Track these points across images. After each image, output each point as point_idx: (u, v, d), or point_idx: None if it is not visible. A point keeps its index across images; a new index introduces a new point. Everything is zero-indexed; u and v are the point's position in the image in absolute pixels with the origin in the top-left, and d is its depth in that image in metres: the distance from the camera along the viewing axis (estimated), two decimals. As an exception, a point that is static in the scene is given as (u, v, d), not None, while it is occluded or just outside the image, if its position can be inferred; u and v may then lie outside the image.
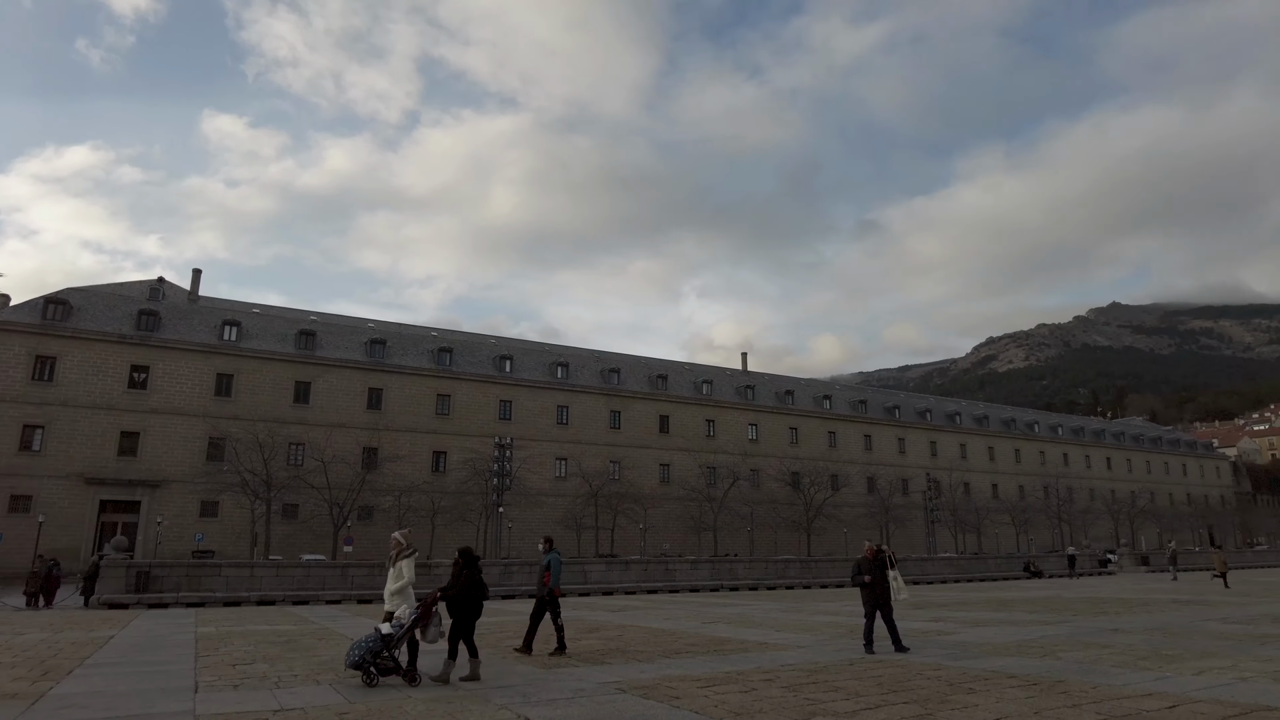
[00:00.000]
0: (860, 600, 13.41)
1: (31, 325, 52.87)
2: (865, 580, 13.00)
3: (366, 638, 9.71)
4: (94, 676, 10.61)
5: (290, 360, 59.70)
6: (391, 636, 9.59)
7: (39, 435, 51.59)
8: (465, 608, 10.08)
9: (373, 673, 9.42)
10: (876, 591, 13.02)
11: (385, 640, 9.55)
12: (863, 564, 13.27)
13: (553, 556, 13.26)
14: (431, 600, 9.99)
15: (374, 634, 9.68)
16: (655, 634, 15.85)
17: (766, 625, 17.97)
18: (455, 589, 10.06)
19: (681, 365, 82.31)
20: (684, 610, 23.62)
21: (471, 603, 10.13)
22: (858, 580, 13.13)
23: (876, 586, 13.04)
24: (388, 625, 9.90)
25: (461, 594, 10.05)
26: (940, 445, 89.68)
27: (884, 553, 13.54)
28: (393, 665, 9.55)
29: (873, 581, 12.99)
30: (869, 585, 12.96)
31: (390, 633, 9.63)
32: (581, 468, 63.87)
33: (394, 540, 10.58)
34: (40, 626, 19.19)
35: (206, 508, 54.05)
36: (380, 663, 9.48)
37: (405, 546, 10.42)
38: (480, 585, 10.26)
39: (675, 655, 12.31)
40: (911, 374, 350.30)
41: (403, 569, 10.25)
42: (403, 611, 9.95)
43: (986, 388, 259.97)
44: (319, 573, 32.90)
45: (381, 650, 9.53)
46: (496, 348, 71.01)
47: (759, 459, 75.01)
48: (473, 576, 10.22)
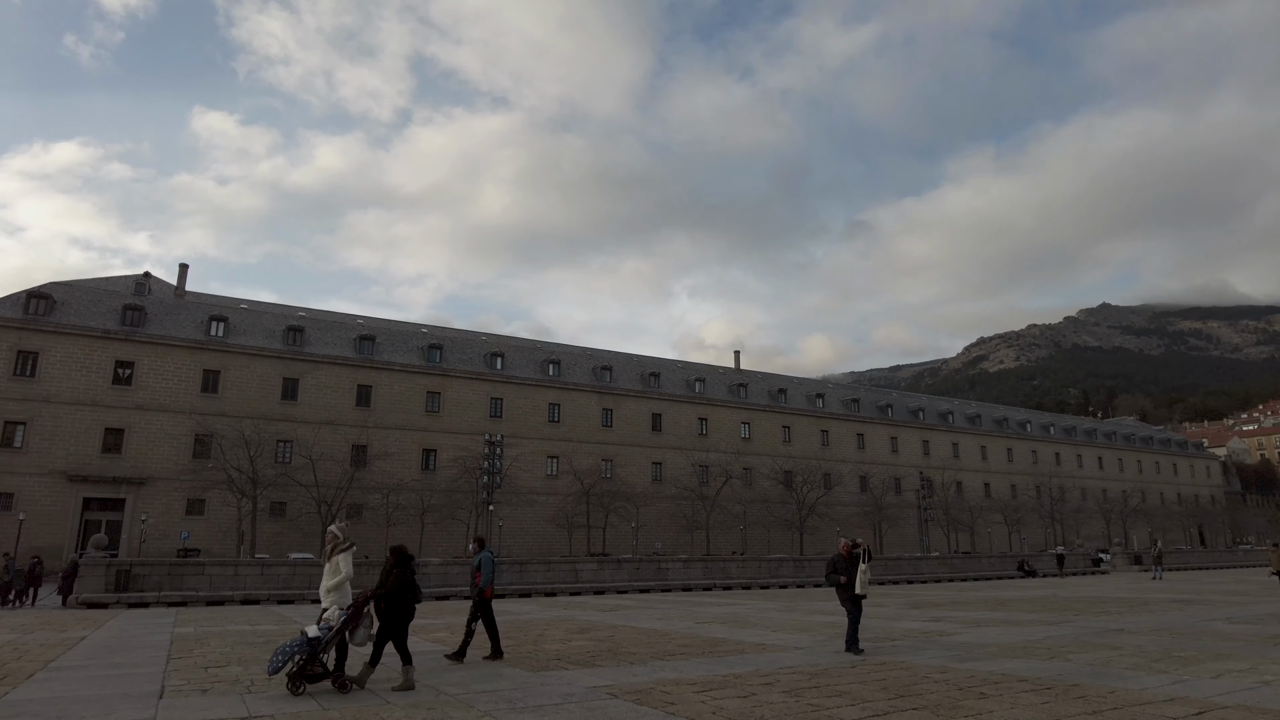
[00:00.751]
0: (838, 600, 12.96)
1: (13, 320, 51.97)
2: (841, 580, 12.52)
3: (291, 641, 8.88)
4: (55, 681, 10.06)
5: (278, 356, 58.95)
6: (319, 640, 8.83)
7: (20, 432, 50.72)
8: (395, 610, 9.32)
9: (299, 680, 8.65)
10: (854, 590, 12.55)
11: (312, 644, 8.78)
12: (838, 562, 12.81)
13: (484, 556, 12.55)
14: (362, 600, 9.32)
15: (299, 637, 8.89)
16: (648, 635, 15.37)
17: (762, 625, 17.51)
18: (385, 589, 9.34)
19: (674, 363, 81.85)
20: (677, 610, 23.14)
21: (402, 605, 9.37)
22: (833, 579, 12.68)
23: (852, 584, 12.58)
24: (315, 627, 9.10)
25: (391, 595, 9.31)
26: (933, 444, 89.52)
27: (859, 548, 13.07)
28: (321, 671, 8.83)
29: (849, 581, 12.51)
30: (846, 585, 12.48)
31: (318, 635, 8.87)
32: (573, 466, 63.36)
33: (330, 534, 9.90)
34: (11, 627, 18.57)
35: (192, 505, 53.30)
36: (307, 668, 8.74)
37: (342, 540, 9.73)
38: (412, 586, 9.51)
39: (669, 657, 11.83)
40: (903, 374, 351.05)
41: (339, 564, 9.55)
42: (332, 613, 9.24)
43: (977, 388, 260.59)
44: (305, 571, 32.26)
45: (309, 655, 8.73)
46: (488, 345, 70.38)
47: (752, 457, 74.61)
48: (404, 576, 9.46)
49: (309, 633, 8.89)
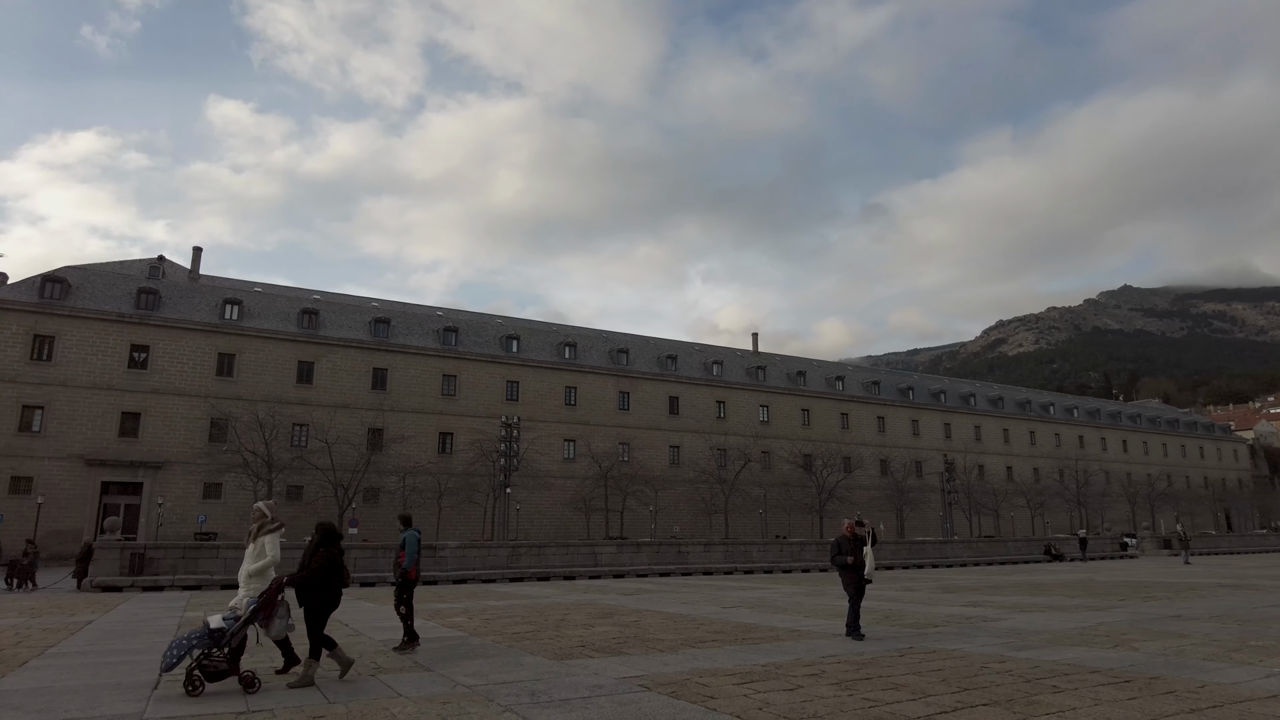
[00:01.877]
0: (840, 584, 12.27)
1: (29, 304, 51.78)
2: (848, 562, 11.87)
3: (190, 633, 7.85)
4: (49, 669, 9.44)
5: (293, 340, 58.55)
6: (223, 632, 7.74)
7: (39, 416, 50.62)
8: (317, 596, 8.24)
9: (197, 678, 7.58)
10: (861, 573, 11.87)
11: (215, 636, 7.68)
12: (843, 544, 12.13)
13: (408, 535, 11.70)
14: (276, 586, 8.22)
15: (200, 628, 7.83)
16: (674, 620, 14.63)
17: (792, 610, 16.74)
18: (307, 572, 8.27)
19: (691, 346, 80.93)
20: (700, 594, 22.42)
21: (325, 590, 8.27)
22: (839, 561, 12.02)
23: (858, 567, 11.90)
24: (218, 617, 7.93)
25: (313, 579, 8.21)
26: (955, 427, 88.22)
27: (865, 528, 12.34)
28: (225, 667, 7.72)
29: (855, 563, 11.84)
30: (851, 567, 11.84)
31: (221, 627, 7.76)
32: (590, 449, 62.76)
33: (257, 511, 8.93)
34: (20, 611, 18.11)
35: (209, 489, 53.10)
36: (208, 664, 7.63)
37: (270, 519, 8.80)
38: (338, 568, 8.37)
39: (700, 644, 11.07)
40: (920, 358, 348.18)
41: (264, 546, 8.56)
42: (240, 600, 8.21)
43: (996, 371, 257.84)
44: (320, 555, 31.84)
45: (210, 649, 7.64)
46: (503, 328, 69.75)
47: (770, 441, 73.73)
48: (330, 557, 8.34)
49: (211, 623, 7.81)
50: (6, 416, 49.62)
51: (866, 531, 12.35)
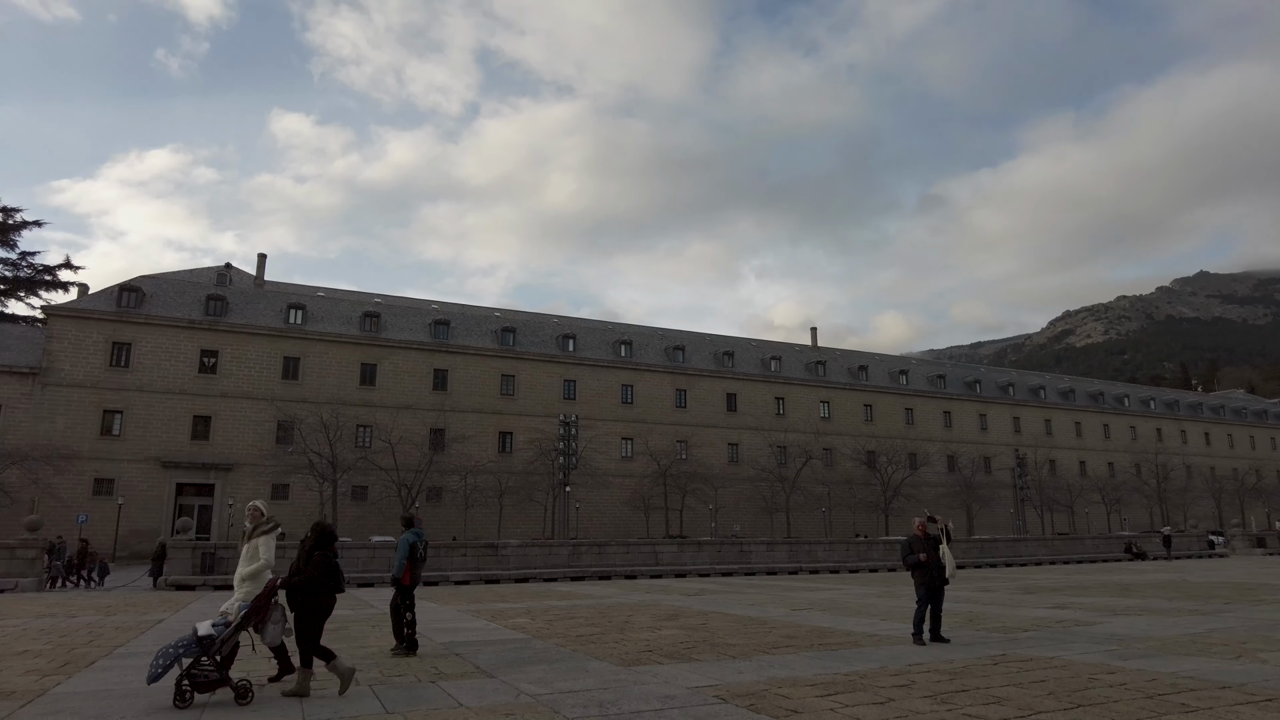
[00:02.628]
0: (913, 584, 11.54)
1: (107, 313, 53.75)
2: (921, 559, 11.14)
3: (177, 641, 7.33)
4: (114, 670, 9.35)
5: (356, 342, 59.58)
6: (213, 639, 7.23)
7: (118, 420, 52.50)
8: (311, 601, 7.66)
9: (186, 689, 7.07)
10: (934, 572, 11.14)
11: (203, 644, 7.18)
12: (915, 543, 11.41)
13: (404, 536, 11.01)
14: (269, 590, 7.73)
15: (188, 635, 7.34)
16: (743, 623, 14.03)
17: (866, 613, 15.98)
18: (301, 576, 7.70)
19: (748, 342, 79.85)
20: (767, 595, 21.74)
21: (319, 594, 7.68)
22: (911, 560, 11.29)
23: (933, 566, 11.16)
24: (207, 624, 7.33)
25: (308, 583, 7.63)
26: (1024, 421, 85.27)
27: (937, 525, 11.54)
28: (216, 676, 7.23)
29: (929, 561, 11.12)
30: (924, 565, 11.11)
31: (210, 634, 7.24)
32: (648, 447, 62.35)
33: (251, 509, 8.42)
34: (97, 609, 18.47)
35: (277, 490, 54.27)
36: (197, 673, 7.13)
37: (265, 519, 8.29)
38: (333, 571, 7.80)
39: (774, 650, 10.46)
40: (984, 351, 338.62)
41: (259, 548, 8.03)
42: (231, 605, 7.69)
43: (1064, 363, 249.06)
44: (384, 554, 32.09)
45: (199, 657, 7.14)
46: (559, 327, 69.84)
47: (832, 437, 72.24)
48: (325, 559, 7.74)
49: (200, 630, 7.29)
50: (89, 421, 51.57)
51: (939, 529, 11.60)
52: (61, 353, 51.87)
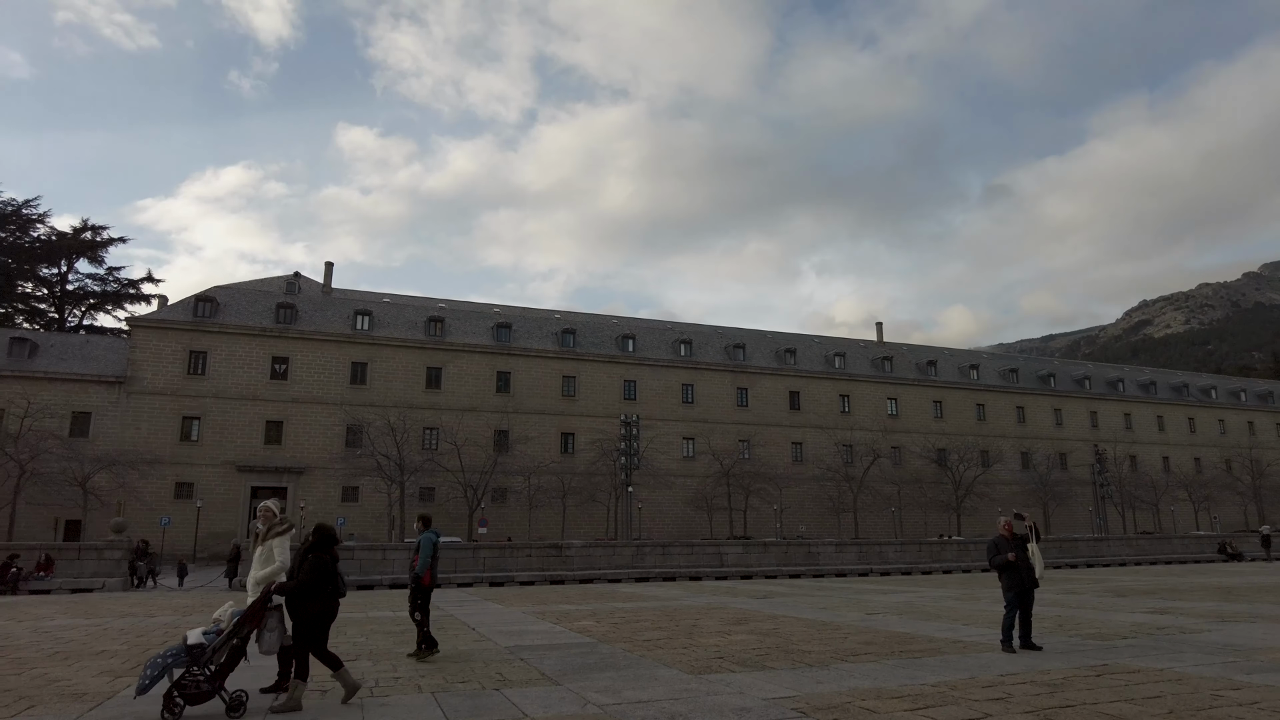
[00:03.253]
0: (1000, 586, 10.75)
1: (184, 322, 55.72)
2: (1009, 559, 10.39)
3: (166, 651, 6.81)
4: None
5: (421, 347, 60.50)
6: (203, 648, 6.77)
7: (196, 426, 54.34)
8: (307, 607, 7.16)
9: (177, 702, 6.59)
10: (1023, 574, 10.37)
11: (193, 653, 6.71)
12: (1001, 543, 10.65)
13: (424, 537, 10.78)
14: (264, 596, 7.26)
15: (178, 644, 6.88)
16: (816, 628, 13.46)
17: (946, 617, 15.21)
18: (295, 580, 7.22)
19: (811, 339, 78.47)
20: (838, 598, 21.03)
21: (318, 600, 7.19)
22: (998, 561, 10.54)
23: (1023, 567, 10.41)
24: (198, 632, 6.81)
25: (304, 588, 7.13)
26: (1102, 416, 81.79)
27: (1025, 524, 10.74)
28: (208, 688, 6.74)
29: (1018, 562, 10.38)
30: (1013, 566, 10.37)
31: (200, 642, 6.78)
32: (710, 446, 61.73)
33: (264, 509, 8.00)
34: (175, 609, 18.89)
35: (347, 492, 55.49)
36: (187, 684, 6.65)
37: (279, 519, 7.90)
38: (330, 575, 7.29)
39: (853, 657, 9.90)
40: (1056, 344, 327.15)
41: (273, 550, 7.67)
42: (224, 612, 7.19)
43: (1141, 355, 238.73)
44: (450, 555, 32.30)
45: (189, 667, 6.67)
46: (619, 327, 69.75)
47: (900, 435, 70.44)
48: (320, 563, 7.21)
49: (190, 638, 6.82)
50: (170, 427, 53.50)
51: (1028, 528, 10.84)
52: (144, 362, 53.95)
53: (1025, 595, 10.35)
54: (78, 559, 27.84)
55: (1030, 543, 10.55)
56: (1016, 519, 10.82)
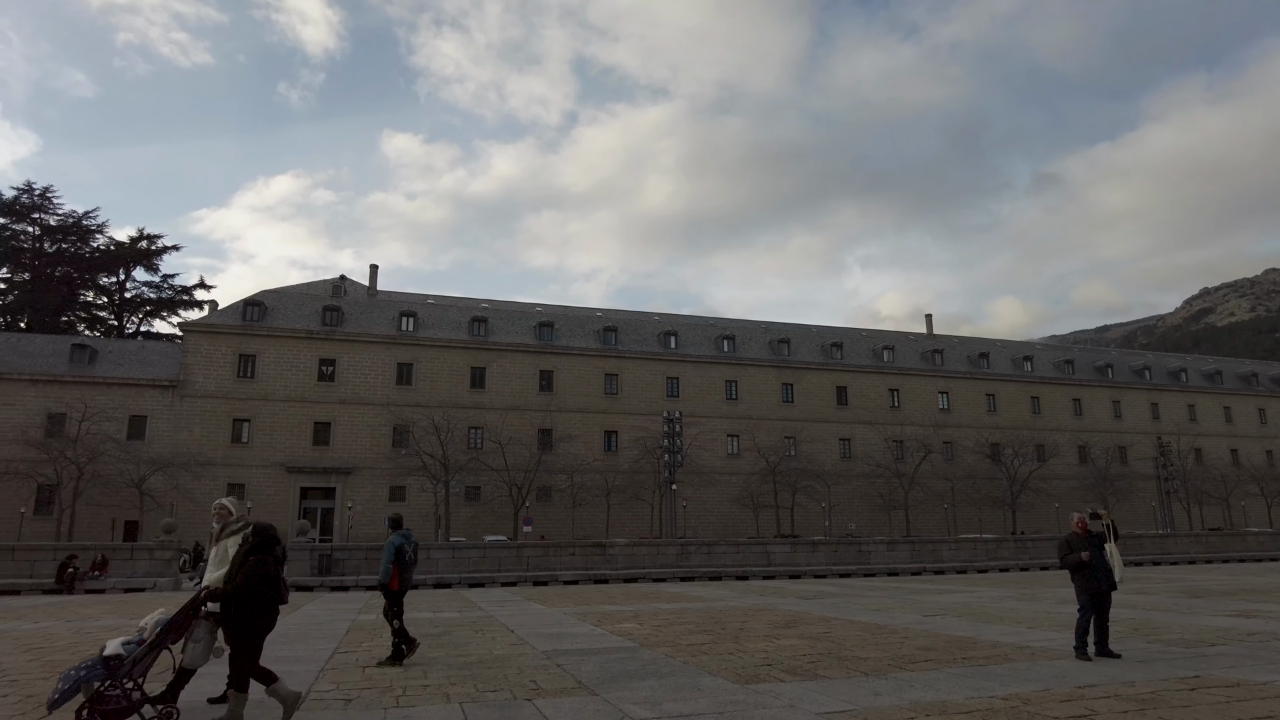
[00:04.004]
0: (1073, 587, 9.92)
1: (234, 326, 56.72)
2: (1084, 558, 9.58)
3: (81, 663, 6.20)
4: (208, 677, 9.03)
5: (465, 347, 60.73)
6: (121, 659, 6.11)
7: (246, 428, 55.27)
8: (246, 615, 6.52)
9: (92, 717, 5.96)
10: (1099, 575, 9.55)
11: (109, 665, 6.04)
12: (1074, 541, 9.85)
13: (390, 540, 10.04)
14: (193, 602, 6.60)
15: (93, 657, 6.21)
16: (871, 631, 12.74)
17: (1008, 620, 14.35)
18: (230, 585, 6.53)
19: (858, 332, 76.91)
20: (892, 599, 20.20)
21: (253, 607, 6.53)
22: (1070, 560, 9.74)
23: (1099, 568, 9.60)
24: (117, 642, 6.17)
25: (240, 594, 6.45)
26: (1163, 407, 78.65)
27: (1101, 521, 9.84)
28: (125, 703, 6.04)
29: (1092, 561, 9.58)
30: (1088, 566, 9.58)
31: (118, 653, 6.11)
32: (755, 443, 60.80)
33: (219, 508, 7.40)
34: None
35: (394, 492, 55.91)
36: (107, 696, 5.99)
37: (235, 517, 7.32)
38: (269, 580, 6.57)
39: (913, 665, 9.20)
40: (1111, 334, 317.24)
41: (228, 549, 7.04)
42: (150, 619, 6.34)
43: (1203, 344, 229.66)
44: (494, 554, 32.14)
45: (105, 680, 5.99)
46: (660, 324, 69.18)
47: (952, 430, 68.62)
48: (260, 566, 6.53)
49: (107, 649, 6.16)
50: (221, 430, 54.50)
51: (1104, 525, 9.98)
52: (195, 365, 55.04)
53: (1101, 598, 9.53)
54: (130, 559, 28.29)
55: (1107, 542, 9.71)
56: (1093, 517, 9.98)
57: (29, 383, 52.20)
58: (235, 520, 7.30)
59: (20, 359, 53.71)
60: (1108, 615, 9.63)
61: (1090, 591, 9.50)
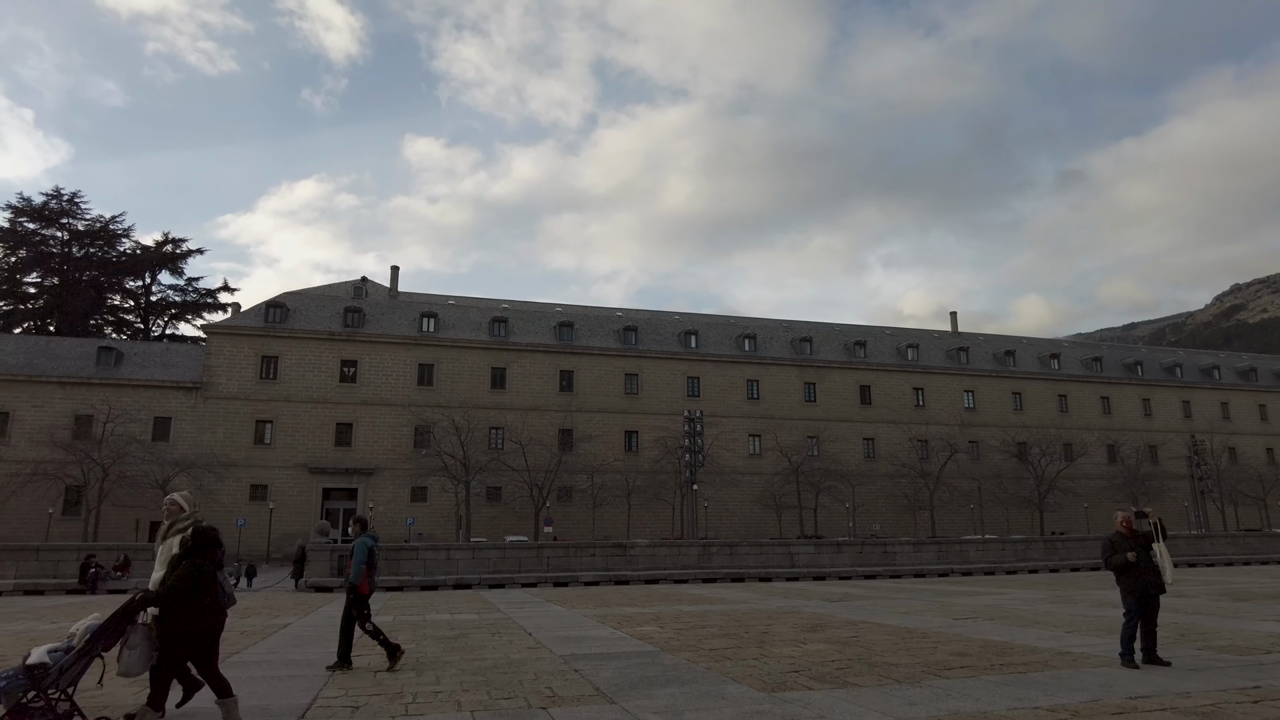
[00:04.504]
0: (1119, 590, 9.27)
1: (256, 328, 57.03)
2: (1130, 558, 8.98)
3: (4, 671, 5.77)
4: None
5: (485, 347, 60.69)
6: (46, 668, 5.64)
7: (269, 429, 55.54)
8: (175, 621, 6.11)
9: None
10: (1148, 577, 8.93)
11: (32, 675, 5.60)
12: (1118, 542, 9.22)
13: (360, 542, 9.61)
14: (127, 607, 6.12)
15: (15, 666, 5.81)
16: (901, 635, 12.27)
17: (1044, 623, 13.80)
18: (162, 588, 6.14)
19: (881, 330, 76.01)
20: (921, 601, 19.65)
21: (189, 614, 6.12)
22: (1116, 561, 9.12)
23: (1146, 570, 8.97)
24: (43, 650, 5.75)
25: (170, 600, 6.06)
26: (1195, 405, 77.02)
27: (1148, 520, 9.26)
28: (51, 715, 5.59)
29: (1140, 564, 8.98)
30: (1134, 567, 8.97)
31: (43, 662, 5.66)
32: (778, 443, 60.19)
33: (169, 503, 6.86)
34: (234, 611, 18.68)
35: (416, 493, 55.93)
36: (29, 708, 5.55)
37: (185, 513, 6.72)
38: (202, 585, 6.17)
39: (947, 672, 8.75)
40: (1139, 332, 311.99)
41: (173, 548, 6.54)
42: (81, 625, 5.91)
43: (1235, 341, 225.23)
44: (514, 555, 31.88)
45: (27, 692, 5.55)
46: (681, 323, 68.75)
47: (978, 429, 67.60)
48: (194, 570, 6.14)
49: (31, 657, 5.71)
50: (244, 431, 54.80)
51: (1151, 524, 9.41)
52: (218, 367, 55.39)
53: (1149, 602, 9.00)
54: (152, 559, 28.22)
55: (1156, 542, 9.17)
56: (1139, 516, 9.44)
57: (57, 385, 52.79)
58: (185, 518, 6.79)
59: (49, 362, 54.33)
60: (1155, 620, 9.09)
61: (1137, 594, 8.97)
